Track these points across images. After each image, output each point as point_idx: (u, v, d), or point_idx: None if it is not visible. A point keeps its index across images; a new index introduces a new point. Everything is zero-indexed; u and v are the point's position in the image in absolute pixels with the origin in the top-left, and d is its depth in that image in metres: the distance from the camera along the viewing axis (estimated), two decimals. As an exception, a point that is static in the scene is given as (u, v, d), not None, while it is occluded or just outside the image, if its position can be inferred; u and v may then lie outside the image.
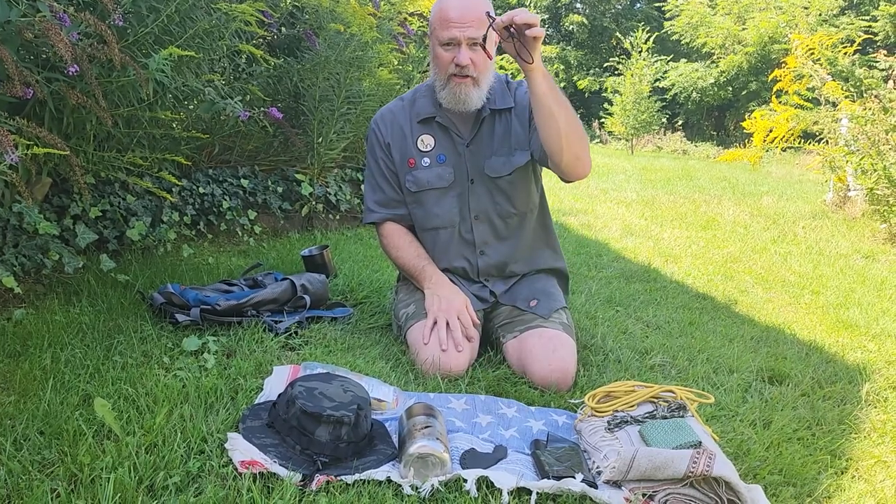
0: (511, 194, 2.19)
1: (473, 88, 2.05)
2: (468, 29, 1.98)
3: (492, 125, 2.17)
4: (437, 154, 2.19)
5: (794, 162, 11.03)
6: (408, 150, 2.20)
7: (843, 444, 1.77)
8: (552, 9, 23.40)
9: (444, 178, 2.18)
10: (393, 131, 2.21)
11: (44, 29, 1.76)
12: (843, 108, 5.41)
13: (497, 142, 2.17)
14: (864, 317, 2.98)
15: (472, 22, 1.98)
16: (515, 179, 2.18)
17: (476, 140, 2.17)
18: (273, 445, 1.48)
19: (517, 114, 2.17)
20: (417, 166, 2.19)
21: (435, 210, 2.20)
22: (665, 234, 4.72)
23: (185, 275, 2.71)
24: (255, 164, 3.79)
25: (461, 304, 2.10)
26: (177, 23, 2.38)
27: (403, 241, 2.23)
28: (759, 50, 16.36)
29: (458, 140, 2.17)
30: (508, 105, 2.16)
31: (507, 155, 2.16)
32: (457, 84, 2.04)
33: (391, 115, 2.23)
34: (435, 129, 2.18)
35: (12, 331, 2.02)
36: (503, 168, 2.16)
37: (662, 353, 2.32)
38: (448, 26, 1.99)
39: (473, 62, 2.01)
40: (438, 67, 2.07)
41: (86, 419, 1.53)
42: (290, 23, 3.75)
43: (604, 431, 1.60)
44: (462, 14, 1.98)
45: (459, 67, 2.01)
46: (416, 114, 2.19)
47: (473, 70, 2.02)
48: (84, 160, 2.45)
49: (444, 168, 2.18)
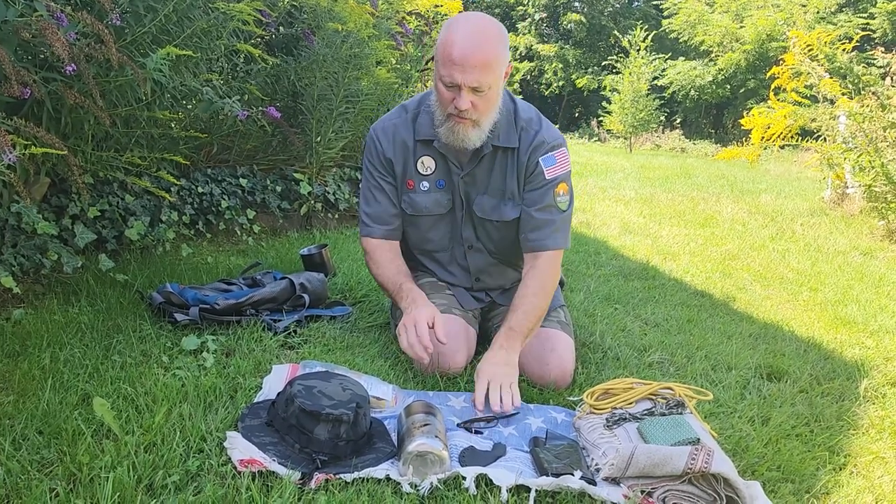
0: (493, 237, 2.12)
1: (473, 129, 1.90)
2: (471, 74, 1.79)
3: (491, 162, 2.03)
4: (437, 179, 2.07)
5: (793, 159, 11.04)
6: (408, 170, 2.07)
7: (842, 440, 1.78)
8: (550, 7, 23.40)
9: (441, 205, 2.09)
10: (395, 147, 2.06)
11: (41, 28, 1.76)
12: (841, 105, 5.42)
13: (493, 181, 2.05)
14: (862, 313, 2.99)
15: (477, 66, 1.79)
16: (500, 227, 2.09)
17: (471, 174, 2.05)
18: (272, 444, 1.48)
19: (516, 161, 2.03)
20: (416, 189, 2.08)
21: (429, 235, 2.14)
22: (663, 232, 4.73)
23: (184, 274, 2.71)
24: (254, 163, 3.78)
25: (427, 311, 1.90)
26: (174, 22, 2.38)
27: (384, 258, 2.10)
28: (756, 48, 16.38)
29: (454, 169, 2.05)
30: (512, 144, 2.01)
31: (499, 199, 2.06)
32: (456, 124, 1.90)
33: (393, 128, 2.07)
34: (435, 153, 2.06)
35: (11, 331, 2.02)
36: (491, 212, 2.07)
37: (661, 351, 2.32)
38: (450, 66, 1.80)
39: (475, 105, 1.85)
40: (439, 103, 1.92)
41: (85, 419, 1.53)
42: (289, 22, 3.75)
43: (602, 429, 1.61)
44: (466, 56, 1.78)
45: (459, 111, 1.86)
46: (416, 131, 2.04)
47: (474, 113, 1.86)
48: (82, 160, 2.45)
49: (443, 194, 2.08)
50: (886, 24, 16.41)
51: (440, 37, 1.86)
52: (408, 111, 2.08)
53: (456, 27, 1.83)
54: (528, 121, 2.04)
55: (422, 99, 2.09)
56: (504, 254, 2.16)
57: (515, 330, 1.92)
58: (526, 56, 23.27)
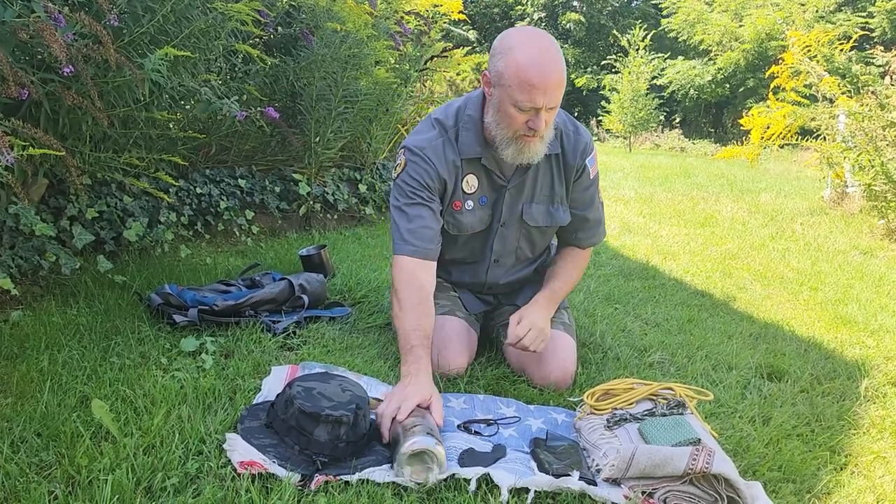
0: (537, 242, 2.15)
1: (540, 143, 1.88)
2: (551, 95, 1.76)
3: (536, 170, 2.02)
4: (481, 196, 2.03)
5: (792, 158, 11.04)
6: (456, 191, 2.01)
7: (843, 440, 1.77)
8: (549, 7, 23.41)
9: (483, 222, 2.06)
10: (448, 169, 1.98)
11: (38, 29, 1.76)
12: (841, 104, 5.42)
13: (539, 188, 2.04)
14: (863, 313, 2.98)
15: (557, 86, 1.77)
16: (547, 231, 2.13)
17: (519, 184, 2.02)
18: (272, 446, 1.48)
19: (562, 165, 2.04)
20: (462, 210, 2.03)
21: (461, 249, 2.12)
22: (663, 232, 4.72)
23: (183, 275, 2.71)
24: (253, 163, 3.78)
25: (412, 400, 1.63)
26: (172, 22, 2.37)
27: (412, 298, 1.87)
28: (756, 47, 16.38)
29: (499, 182, 2.02)
30: (556, 151, 2.00)
31: (548, 205, 2.07)
32: (525, 143, 1.85)
33: (441, 149, 1.97)
34: (479, 169, 2.01)
35: (9, 333, 2.02)
36: (543, 219, 2.08)
37: (661, 351, 2.32)
38: (531, 91, 1.74)
39: (547, 123, 1.83)
40: (506, 125, 1.84)
41: (83, 421, 1.52)
42: (287, 22, 3.74)
43: (603, 429, 1.60)
44: (546, 79, 1.74)
45: (533, 131, 1.82)
46: (461, 150, 1.98)
47: (545, 129, 1.84)
48: (80, 161, 2.45)
49: (485, 211, 2.05)
50: (885, 22, 16.41)
51: (505, 59, 1.78)
52: (447, 129, 2.00)
53: (522, 49, 1.77)
54: (562, 124, 2.03)
55: (457, 113, 2.01)
56: (539, 252, 2.21)
57: (557, 292, 2.09)
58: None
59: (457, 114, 2.01)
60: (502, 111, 1.83)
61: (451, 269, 2.20)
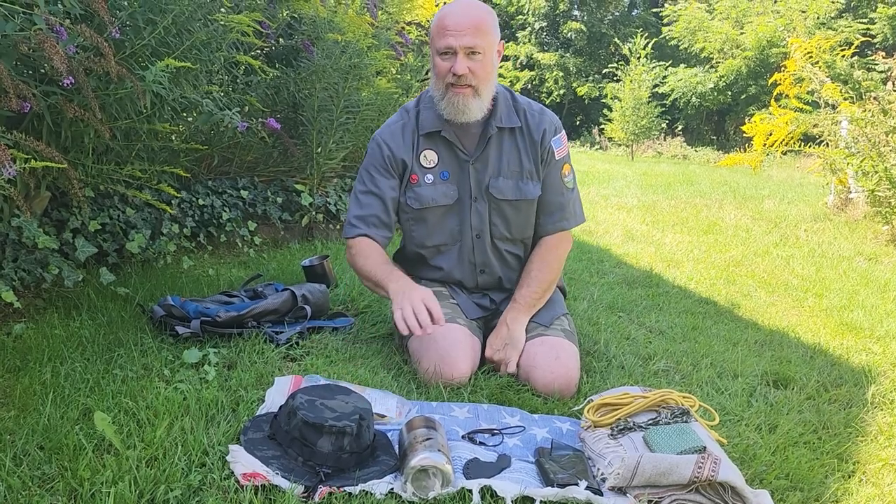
0: (511, 219, 2.16)
1: (473, 98, 1.99)
2: (465, 37, 1.93)
3: (499, 144, 2.11)
4: (441, 171, 2.12)
5: (795, 165, 11.03)
6: (412, 166, 2.12)
7: (850, 447, 1.76)
8: (550, 16, 23.46)
9: (447, 196, 2.12)
10: (404, 146, 2.12)
11: (40, 42, 1.76)
12: (843, 110, 5.41)
13: (505, 162, 2.11)
14: (869, 319, 2.97)
15: (469, 29, 1.93)
16: (520, 206, 2.15)
17: (482, 158, 2.11)
18: (275, 457, 1.47)
19: (527, 141, 2.12)
20: (420, 183, 2.12)
21: (437, 228, 2.16)
22: (667, 239, 4.71)
23: (186, 287, 2.71)
24: (255, 174, 3.78)
25: (424, 292, 1.92)
26: (174, 34, 2.38)
27: (371, 250, 2.09)
28: (757, 54, 16.38)
29: (462, 157, 2.11)
30: (515, 124, 2.11)
31: (516, 180, 2.12)
32: (455, 94, 1.99)
33: (400, 130, 2.13)
34: (439, 145, 2.11)
35: (12, 346, 2.01)
36: (510, 192, 2.12)
37: (666, 359, 2.31)
38: (444, 34, 1.94)
39: (472, 71, 1.95)
40: (436, 77, 2.02)
41: (86, 433, 1.52)
42: (288, 34, 3.75)
43: (608, 438, 1.59)
44: (458, 21, 1.93)
45: (456, 77, 1.96)
46: (420, 126, 2.12)
47: (472, 79, 1.97)
48: (83, 173, 2.45)
49: (448, 185, 2.12)
50: (887, 28, 16.41)
51: (434, 18, 2.01)
52: (409, 112, 2.16)
53: (446, 5, 2.01)
54: (527, 104, 2.16)
55: (420, 98, 2.17)
56: (519, 234, 2.20)
57: (520, 302, 2.12)
58: (526, 65, 23.30)
59: (419, 98, 2.18)
60: (433, 67, 2.02)
61: (439, 260, 2.20)
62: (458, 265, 2.20)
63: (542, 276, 2.14)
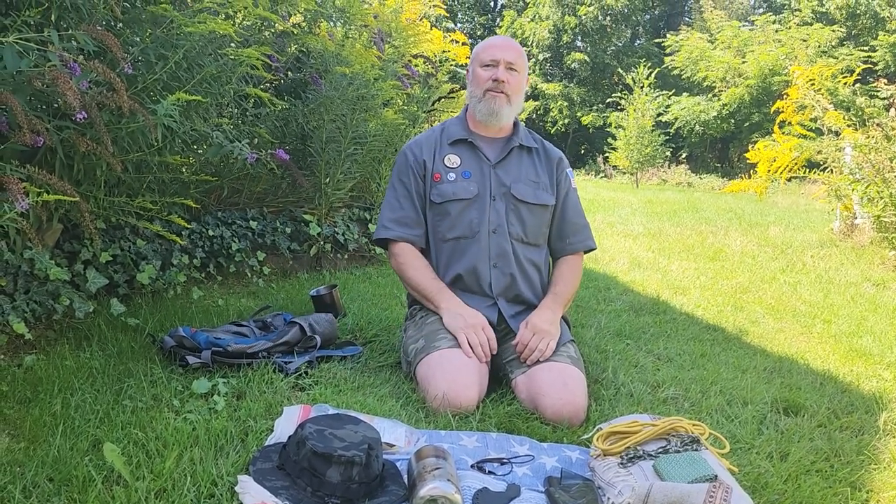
0: (527, 221, 2.31)
1: (506, 105, 2.28)
2: (508, 53, 2.26)
3: (520, 157, 2.36)
4: (463, 170, 2.31)
5: (800, 191, 11.05)
6: (436, 166, 2.33)
7: (863, 475, 1.74)
8: (554, 48, 23.73)
9: (468, 191, 2.29)
10: (427, 150, 2.35)
11: (53, 78, 1.80)
12: (846, 136, 5.44)
13: (524, 172, 2.33)
14: (878, 345, 2.95)
15: (511, 51, 2.28)
16: (536, 211, 2.31)
17: (503, 164, 2.32)
18: (284, 488, 1.47)
19: (543, 160, 2.39)
20: (443, 180, 2.31)
21: (459, 220, 2.29)
22: (673, 266, 4.71)
23: (196, 317, 2.72)
24: (264, 205, 3.82)
25: (482, 320, 2.17)
26: (185, 69, 2.42)
27: (420, 263, 2.31)
28: (759, 82, 16.49)
29: (484, 161, 2.32)
30: (533, 145, 2.39)
31: (534, 188, 2.32)
32: (492, 97, 2.26)
33: (424, 139, 2.39)
34: (463, 150, 2.34)
35: (23, 377, 2.02)
36: (529, 195, 2.31)
37: (675, 386, 2.30)
38: (491, 50, 2.28)
39: (508, 81, 2.25)
40: (476, 85, 2.30)
41: (95, 465, 1.52)
42: (297, 67, 3.81)
43: (617, 467, 1.58)
44: (503, 43, 2.32)
45: (496, 82, 2.24)
46: (447, 137, 2.36)
47: (508, 88, 2.26)
48: (94, 206, 2.48)
49: (469, 182, 2.30)
50: (888, 55, 16.53)
51: (477, 46, 2.37)
52: (434, 129, 2.43)
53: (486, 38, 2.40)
54: (540, 140, 2.46)
55: (446, 122, 2.44)
56: (533, 238, 2.34)
57: (560, 295, 2.29)
58: (531, 95, 23.50)
59: (448, 121, 2.46)
60: (473, 77, 2.32)
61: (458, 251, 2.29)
62: (474, 257, 2.27)
63: (571, 280, 2.37)
